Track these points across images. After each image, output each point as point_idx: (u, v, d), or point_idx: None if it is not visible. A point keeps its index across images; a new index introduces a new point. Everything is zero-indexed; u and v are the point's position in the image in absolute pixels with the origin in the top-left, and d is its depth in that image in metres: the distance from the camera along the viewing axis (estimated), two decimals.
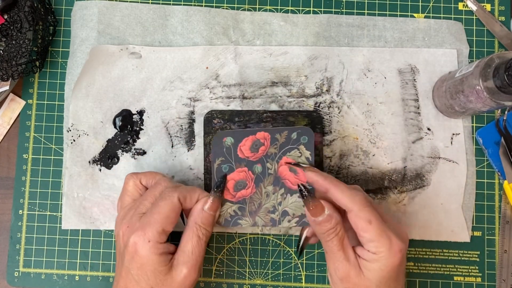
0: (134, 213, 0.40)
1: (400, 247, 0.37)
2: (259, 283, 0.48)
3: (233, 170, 0.43)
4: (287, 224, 0.43)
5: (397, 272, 0.38)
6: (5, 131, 0.50)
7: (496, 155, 0.48)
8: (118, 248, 0.40)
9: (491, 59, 0.40)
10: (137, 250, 0.38)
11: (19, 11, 0.46)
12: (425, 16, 0.51)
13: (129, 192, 0.42)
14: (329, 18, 0.50)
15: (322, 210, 0.39)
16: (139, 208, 0.40)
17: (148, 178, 0.42)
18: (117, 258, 0.41)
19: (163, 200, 0.39)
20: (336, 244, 0.38)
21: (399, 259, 0.37)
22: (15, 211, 0.49)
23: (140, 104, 0.49)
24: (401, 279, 0.39)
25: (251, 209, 0.43)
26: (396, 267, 0.37)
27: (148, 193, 0.41)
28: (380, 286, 0.38)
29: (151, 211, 0.39)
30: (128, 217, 0.40)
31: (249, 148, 0.43)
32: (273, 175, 0.43)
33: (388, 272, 0.37)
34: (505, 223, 0.48)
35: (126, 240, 0.38)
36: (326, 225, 0.38)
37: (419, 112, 0.49)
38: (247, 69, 0.49)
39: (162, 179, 0.42)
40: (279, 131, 0.43)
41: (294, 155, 0.43)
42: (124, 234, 0.39)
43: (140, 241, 0.38)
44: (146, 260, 0.37)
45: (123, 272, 0.39)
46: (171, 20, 0.50)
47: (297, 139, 0.43)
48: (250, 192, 0.43)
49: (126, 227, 0.39)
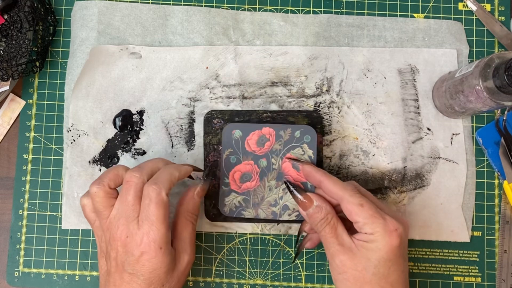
0: (127, 220, 0.38)
1: (395, 226, 0.38)
2: (259, 283, 0.48)
3: (240, 162, 0.46)
4: (287, 217, 0.45)
5: (396, 254, 0.38)
6: (5, 131, 0.50)
7: (496, 155, 0.48)
8: (108, 256, 0.39)
9: (491, 59, 0.40)
10: (150, 259, 0.37)
11: (19, 11, 0.46)
12: (425, 16, 0.51)
13: (101, 203, 0.39)
14: (329, 18, 0.50)
15: (311, 202, 0.41)
16: (130, 213, 0.38)
17: (113, 178, 0.40)
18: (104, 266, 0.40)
19: (154, 204, 0.38)
20: (329, 232, 0.40)
21: (396, 239, 0.38)
22: (15, 211, 0.49)
23: (140, 104, 0.49)
24: (401, 263, 0.38)
25: (254, 201, 0.46)
26: (394, 248, 0.38)
27: (128, 195, 0.38)
28: (378, 266, 0.38)
29: (148, 217, 0.38)
30: (120, 227, 0.38)
31: (255, 142, 0.46)
32: (277, 170, 0.46)
33: (386, 252, 0.38)
34: (505, 223, 0.48)
35: (131, 249, 0.37)
36: (317, 216, 0.40)
37: (419, 112, 0.49)
38: (247, 69, 0.49)
39: (133, 176, 0.39)
40: (283, 128, 0.46)
41: (297, 153, 0.45)
42: (127, 244, 0.38)
43: (152, 249, 0.37)
44: (160, 264, 0.38)
45: (125, 277, 0.38)
46: (171, 20, 0.50)
47: (300, 137, 0.45)
48: (255, 185, 0.46)
49: (126, 237, 0.38)
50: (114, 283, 0.39)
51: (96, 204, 0.39)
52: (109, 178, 0.40)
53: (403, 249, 0.39)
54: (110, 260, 0.39)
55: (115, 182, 0.40)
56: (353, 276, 0.38)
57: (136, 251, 0.37)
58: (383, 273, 0.38)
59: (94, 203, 0.39)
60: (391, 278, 0.38)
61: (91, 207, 0.40)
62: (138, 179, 0.39)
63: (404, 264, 0.39)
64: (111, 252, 0.39)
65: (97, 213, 0.40)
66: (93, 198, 0.39)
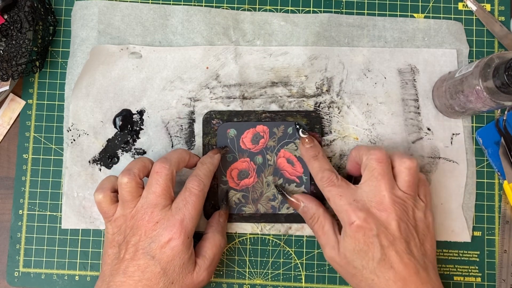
0: (157, 208, 0.40)
1: (352, 219, 0.39)
2: (259, 283, 0.48)
3: (236, 160, 0.48)
4: (286, 211, 0.47)
5: (365, 243, 0.39)
6: (5, 131, 0.50)
7: (496, 155, 0.48)
8: (125, 243, 0.40)
9: (491, 59, 0.40)
10: (174, 246, 0.39)
11: (19, 11, 0.46)
12: (425, 16, 0.51)
13: (130, 193, 0.41)
14: (330, 18, 0.50)
15: (298, 203, 0.45)
16: (160, 202, 0.40)
17: (142, 169, 0.42)
18: (113, 255, 0.41)
19: (194, 196, 0.41)
20: (317, 230, 0.43)
21: (355, 232, 0.39)
22: (15, 211, 0.49)
23: (140, 104, 0.49)
24: (374, 249, 0.39)
25: (253, 197, 0.47)
26: (357, 240, 0.39)
27: (158, 185, 0.40)
28: (354, 260, 0.40)
29: (186, 206, 0.40)
30: (149, 214, 0.40)
31: (250, 140, 0.47)
32: (273, 166, 0.47)
33: (351, 245, 0.40)
34: (505, 223, 0.48)
35: (158, 235, 0.39)
36: (305, 215, 0.44)
37: (419, 112, 0.49)
38: (247, 69, 0.49)
39: (162, 167, 0.41)
40: (276, 125, 0.48)
41: (290, 149, 0.48)
42: (155, 229, 0.39)
43: (181, 236, 0.39)
44: (180, 255, 0.39)
45: (141, 263, 0.39)
46: (172, 20, 0.50)
47: (293, 133, 0.48)
48: (253, 181, 0.47)
49: (155, 223, 0.39)
50: (124, 271, 0.39)
51: (125, 194, 0.40)
52: (139, 168, 0.41)
53: (370, 236, 0.39)
54: (127, 247, 0.39)
55: (143, 172, 0.42)
56: (342, 271, 0.42)
57: (165, 236, 0.39)
58: (362, 264, 0.39)
59: (123, 193, 0.41)
60: (371, 267, 0.39)
61: (110, 200, 0.41)
62: (168, 170, 0.41)
63: (381, 247, 0.39)
64: (131, 239, 0.40)
65: (123, 203, 0.41)
66: (123, 189, 0.40)
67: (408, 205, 0.40)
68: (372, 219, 0.39)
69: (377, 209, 0.40)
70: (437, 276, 0.40)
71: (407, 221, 0.40)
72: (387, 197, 0.39)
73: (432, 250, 0.41)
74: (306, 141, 0.45)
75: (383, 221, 0.39)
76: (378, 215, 0.39)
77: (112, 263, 0.40)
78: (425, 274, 0.39)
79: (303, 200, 0.44)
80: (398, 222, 0.39)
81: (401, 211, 0.39)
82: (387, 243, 0.39)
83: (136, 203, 0.41)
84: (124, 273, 0.39)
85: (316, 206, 0.44)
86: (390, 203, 0.39)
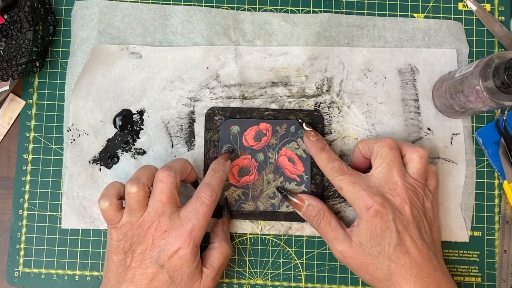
0: (165, 216, 0.40)
1: (369, 204, 0.40)
2: (259, 283, 0.48)
3: (238, 157, 0.47)
4: (285, 209, 0.47)
5: (381, 228, 0.39)
6: (5, 131, 0.50)
7: (496, 155, 0.48)
8: (131, 251, 0.40)
9: (491, 59, 0.40)
10: (183, 255, 0.39)
11: (19, 11, 0.46)
12: (425, 16, 0.51)
13: (139, 202, 0.40)
14: (330, 18, 0.50)
15: (302, 202, 0.44)
16: (167, 210, 0.40)
17: (150, 178, 0.42)
18: (118, 262, 0.40)
19: (205, 206, 0.40)
20: (324, 227, 0.43)
21: (373, 217, 0.39)
22: (15, 211, 0.49)
23: (140, 104, 0.49)
24: (392, 233, 0.39)
25: (253, 194, 0.47)
26: (374, 225, 0.39)
27: (164, 194, 0.40)
28: (370, 247, 0.39)
29: (197, 216, 0.40)
30: (157, 223, 0.39)
31: (253, 137, 0.48)
32: (274, 164, 0.48)
33: (368, 231, 0.40)
34: (504, 223, 0.48)
35: (167, 244, 0.39)
36: (310, 213, 0.44)
37: (419, 112, 0.49)
38: (247, 69, 0.49)
39: (168, 175, 0.41)
40: (279, 124, 0.48)
41: (292, 147, 0.48)
42: (163, 238, 0.39)
43: (190, 246, 0.39)
44: (187, 264, 0.39)
45: (149, 271, 0.38)
46: (172, 20, 0.50)
47: (295, 132, 0.48)
48: (253, 179, 0.47)
49: (164, 231, 0.39)
50: (131, 279, 0.39)
51: (133, 203, 0.40)
52: (147, 177, 0.41)
53: (387, 221, 0.39)
54: (134, 255, 0.39)
55: (151, 181, 0.42)
56: (355, 263, 0.41)
57: (174, 245, 0.39)
58: (378, 251, 0.39)
59: (131, 202, 0.40)
60: (387, 252, 0.39)
61: (116, 207, 0.41)
62: (173, 178, 0.40)
63: (397, 231, 0.39)
64: (138, 247, 0.39)
65: (130, 211, 0.40)
66: (132, 198, 0.40)
67: (419, 192, 0.41)
68: (388, 203, 0.40)
69: (390, 194, 0.40)
70: (445, 265, 0.41)
71: (418, 207, 0.41)
72: (399, 183, 0.40)
73: (438, 239, 0.42)
74: (312, 134, 0.45)
75: (397, 206, 0.40)
76: (392, 201, 0.40)
77: (117, 270, 0.40)
78: (436, 260, 0.39)
79: (307, 198, 0.45)
80: (411, 208, 0.40)
81: (413, 197, 0.40)
82: (402, 228, 0.39)
83: (143, 212, 0.40)
84: (131, 281, 0.39)
85: (321, 203, 0.44)
86: (403, 189, 0.40)
